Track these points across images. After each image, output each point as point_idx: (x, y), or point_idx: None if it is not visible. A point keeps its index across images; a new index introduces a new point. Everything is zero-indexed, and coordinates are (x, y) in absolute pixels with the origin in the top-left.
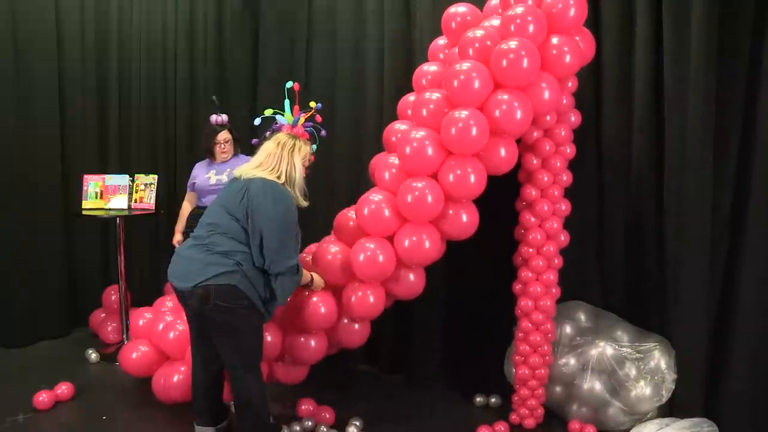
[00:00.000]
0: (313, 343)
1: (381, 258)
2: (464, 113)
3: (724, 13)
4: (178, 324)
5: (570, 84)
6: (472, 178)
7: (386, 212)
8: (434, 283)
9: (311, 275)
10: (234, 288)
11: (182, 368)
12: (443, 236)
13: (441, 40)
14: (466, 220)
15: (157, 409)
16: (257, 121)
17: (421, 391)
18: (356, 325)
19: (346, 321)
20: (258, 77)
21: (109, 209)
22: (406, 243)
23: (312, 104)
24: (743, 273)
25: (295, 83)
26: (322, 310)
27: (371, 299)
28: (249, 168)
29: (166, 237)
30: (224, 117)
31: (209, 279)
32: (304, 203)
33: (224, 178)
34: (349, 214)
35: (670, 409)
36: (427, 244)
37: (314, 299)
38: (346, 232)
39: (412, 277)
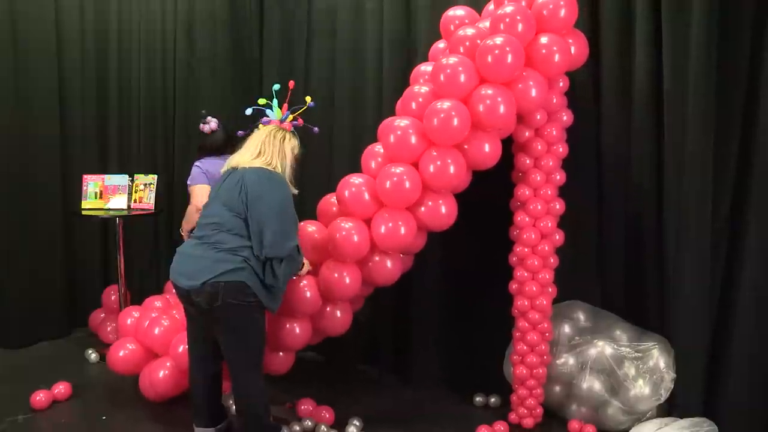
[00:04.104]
0: (297, 328)
1: (356, 238)
2: (446, 104)
3: (723, 12)
4: (163, 320)
5: (561, 83)
6: (452, 169)
7: (365, 195)
8: (433, 282)
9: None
10: (243, 285)
11: (168, 363)
12: (421, 225)
13: (441, 44)
14: (444, 212)
15: (156, 409)
16: (248, 111)
17: (421, 391)
18: (338, 312)
19: (329, 308)
20: (258, 77)
21: (109, 209)
22: (382, 228)
23: (307, 99)
24: (743, 272)
25: (291, 81)
26: (308, 294)
27: (347, 280)
28: (243, 157)
29: (165, 237)
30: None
31: (218, 276)
32: (294, 190)
33: None
34: (332, 199)
35: (669, 409)
36: (402, 230)
37: (301, 284)
38: (329, 217)
39: (388, 263)
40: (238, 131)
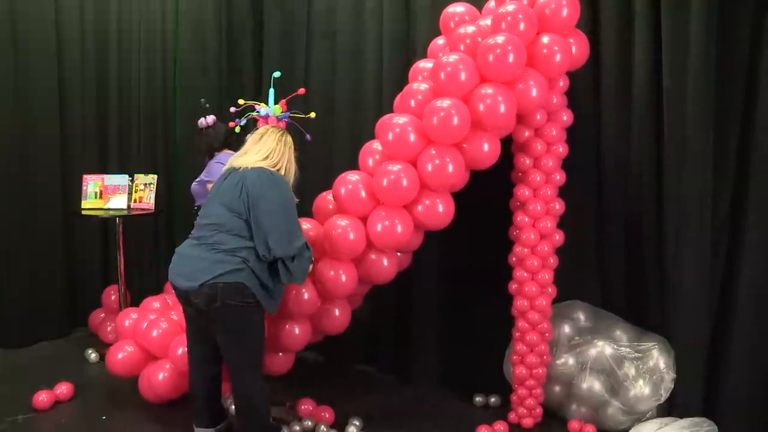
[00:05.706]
0: (297, 329)
1: (352, 235)
2: (446, 102)
3: (723, 9)
4: (161, 322)
5: (561, 83)
6: (450, 168)
7: (362, 193)
8: (433, 281)
9: None
10: (241, 286)
11: (167, 365)
12: (418, 224)
13: (440, 40)
14: (441, 210)
15: (156, 409)
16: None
17: (421, 391)
18: (337, 311)
19: (327, 307)
20: (258, 78)
21: (109, 209)
22: (378, 226)
23: (312, 114)
24: (743, 272)
25: (301, 89)
26: (306, 296)
27: (343, 278)
28: (247, 159)
29: (165, 237)
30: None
31: (217, 277)
32: (296, 199)
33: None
34: (328, 197)
35: (669, 409)
36: (399, 228)
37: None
38: (325, 214)
39: (385, 261)
40: (229, 122)
